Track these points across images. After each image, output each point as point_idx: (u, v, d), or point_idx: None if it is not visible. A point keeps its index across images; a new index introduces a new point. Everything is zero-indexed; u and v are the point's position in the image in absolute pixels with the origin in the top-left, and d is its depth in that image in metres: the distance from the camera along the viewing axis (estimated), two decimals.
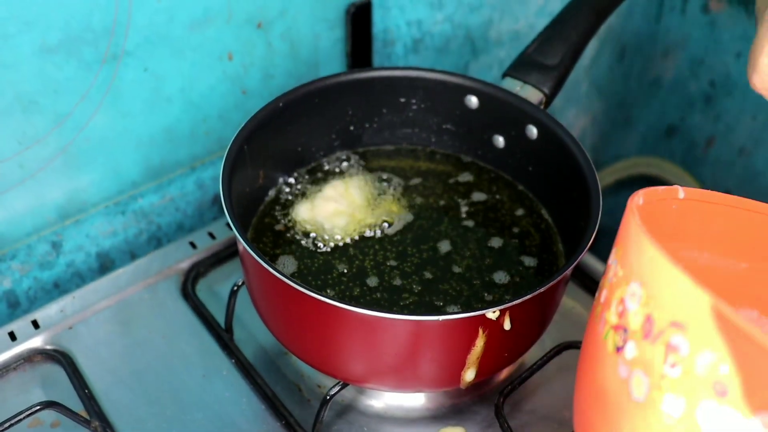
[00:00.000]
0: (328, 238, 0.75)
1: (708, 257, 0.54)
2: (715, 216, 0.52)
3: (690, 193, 0.51)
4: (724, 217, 0.53)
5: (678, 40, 1.20)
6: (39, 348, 0.75)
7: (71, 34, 0.72)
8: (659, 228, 0.50)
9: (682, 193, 0.51)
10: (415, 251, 0.74)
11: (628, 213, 0.46)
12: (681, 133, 1.26)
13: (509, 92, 0.77)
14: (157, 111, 0.82)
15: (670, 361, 0.40)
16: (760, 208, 0.53)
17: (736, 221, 0.53)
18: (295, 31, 0.88)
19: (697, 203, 0.52)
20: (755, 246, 0.54)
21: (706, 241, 0.54)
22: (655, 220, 0.49)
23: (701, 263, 0.54)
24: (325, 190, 0.79)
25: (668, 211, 0.51)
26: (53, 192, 0.80)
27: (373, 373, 0.64)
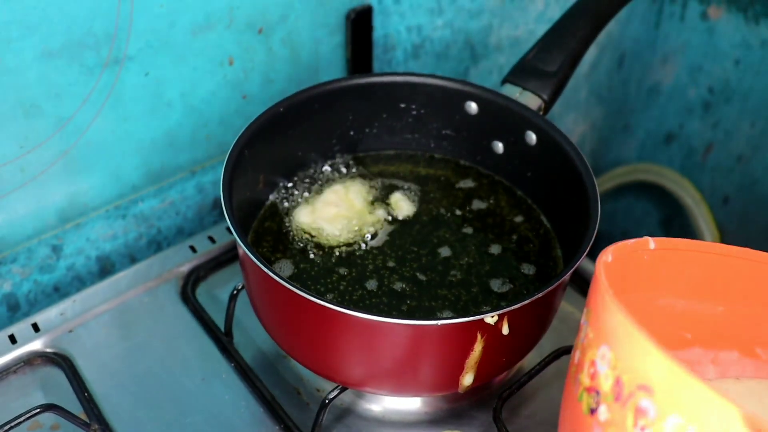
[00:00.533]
0: (328, 242, 0.75)
1: (684, 303, 0.54)
2: (688, 262, 0.53)
3: (660, 243, 0.52)
4: (696, 263, 0.53)
5: (677, 47, 1.21)
6: (39, 351, 0.75)
7: (73, 38, 0.72)
8: (633, 280, 0.51)
9: (653, 243, 0.51)
10: (415, 256, 0.74)
11: (597, 273, 0.46)
12: (680, 139, 1.27)
13: (508, 98, 0.77)
14: (158, 115, 0.83)
15: (639, 425, 0.40)
16: (731, 251, 0.53)
17: (708, 266, 0.53)
18: (296, 37, 0.89)
19: (669, 252, 0.52)
20: (729, 289, 0.54)
21: (681, 288, 0.54)
22: (629, 273, 0.50)
23: (678, 310, 0.55)
24: (325, 194, 0.79)
25: (640, 262, 0.51)
26: (54, 195, 0.80)
27: (371, 377, 0.64)
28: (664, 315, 0.54)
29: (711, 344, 0.57)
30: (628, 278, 0.50)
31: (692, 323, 0.56)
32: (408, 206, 0.79)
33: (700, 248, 0.53)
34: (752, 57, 1.11)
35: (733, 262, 0.53)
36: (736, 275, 0.54)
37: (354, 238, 0.75)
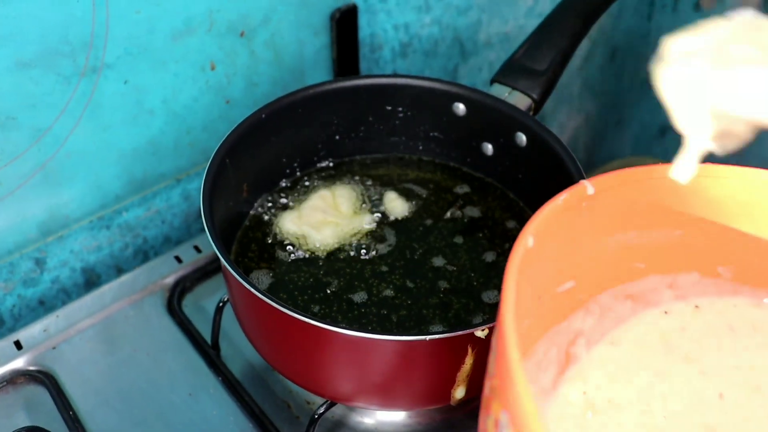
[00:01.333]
0: (315, 250, 0.73)
1: (636, 234, 0.51)
2: (637, 194, 0.49)
3: (600, 184, 0.48)
4: (647, 192, 0.49)
5: None
6: (22, 369, 0.74)
7: (48, 47, 0.70)
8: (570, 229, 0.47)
9: (591, 188, 0.47)
10: (404, 263, 0.72)
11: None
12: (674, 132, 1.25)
13: (497, 99, 0.75)
14: (139, 123, 0.81)
15: None
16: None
17: (661, 192, 0.50)
18: (279, 39, 0.87)
19: (612, 189, 0.48)
20: (686, 211, 0.51)
21: (631, 221, 0.51)
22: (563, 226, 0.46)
23: (629, 242, 0.51)
24: (311, 200, 0.77)
25: (579, 211, 0.47)
26: (34, 208, 0.78)
27: (360, 393, 0.62)
28: (611, 252, 0.51)
29: (667, 269, 0.54)
30: (562, 230, 0.47)
31: (646, 252, 0.53)
32: (396, 211, 0.77)
33: (650, 176, 0.49)
34: None
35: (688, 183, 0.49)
36: (693, 195, 0.51)
37: (342, 245, 0.74)
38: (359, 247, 0.74)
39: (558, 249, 0.48)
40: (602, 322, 0.54)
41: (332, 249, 0.73)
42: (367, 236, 0.75)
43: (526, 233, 0.44)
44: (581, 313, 0.53)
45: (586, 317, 0.53)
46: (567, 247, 0.48)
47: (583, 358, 0.52)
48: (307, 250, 0.73)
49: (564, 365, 0.52)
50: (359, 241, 0.74)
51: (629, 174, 0.49)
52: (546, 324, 0.51)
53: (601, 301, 0.53)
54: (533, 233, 0.44)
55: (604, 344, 0.53)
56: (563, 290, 0.51)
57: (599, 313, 0.53)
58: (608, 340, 0.53)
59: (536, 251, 0.45)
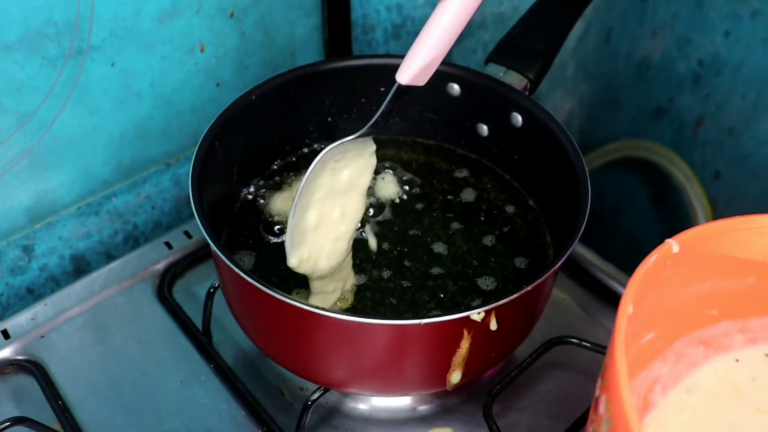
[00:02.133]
0: None
1: (711, 284, 0.54)
2: (712, 247, 0.52)
3: (684, 242, 0.50)
4: (721, 244, 0.52)
5: (665, 20, 1.18)
6: (9, 359, 0.72)
7: (31, 29, 0.69)
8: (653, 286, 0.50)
9: (676, 247, 0.50)
10: (399, 246, 0.71)
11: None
12: (670, 114, 1.24)
13: (492, 79, 0.74)
14: (126, 107, 0.79)
15: None
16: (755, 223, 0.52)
17: (734, 244, 0.53)
18: (270, 19, 0.85)
19: (693, 244, 0.51)
20: (758, 259, 0.54)
21: (705, 272, 0.53)
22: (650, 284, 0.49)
23: (703, 292, 0.54)
24: (293, 193, 0.76)
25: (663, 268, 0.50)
26: (21, 195, 0.77)
27: (355, 378, 0.61)
28: (687, 302, 0.54)
29: (739, 315, 0.56)
30: (648, 291, 0.49)
31: (719, 300, 0.55)
32: (389, 193, 0.76)
33: (724, 228, 0.52)
34: (742, 29, 1.08)
35: (760, 233, 0.52)
36: (760, 245, 0.53)
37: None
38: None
39: (644, 305, 0.50)
40: (677, 368, 0.55)
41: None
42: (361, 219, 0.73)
43: (627, 302, 0.46)
44: (658, 362, 0.54)
45: (663, 365, 0.55)
46: (651, 301, 0.50)
47: (660, 405, 0.54)
48: None
49: (642, 411, 0.54)
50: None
51: (711, 228, 0.51)
52: (630, 374, 0.52)
53: (676, 348, 0.55)
54: (632, 301, 0.46)
55: (680, 392, 0.55)
56: (645, 342, 0.53)
57: (674, 360, 0.55)
58: (684, 387, 0.55)
59: (633, 314, 0.47)
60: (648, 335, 0.53)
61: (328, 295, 0.64)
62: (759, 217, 0.52)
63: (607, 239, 1.41)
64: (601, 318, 0.77)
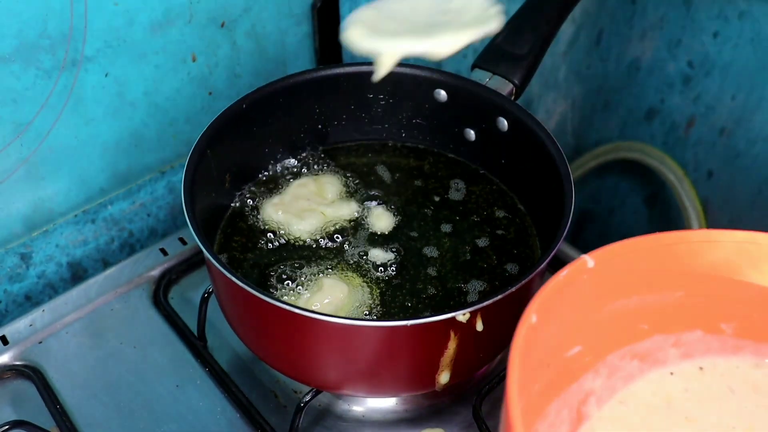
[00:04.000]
0: (299, 238, 0.73)
1: (639, 299, 0.54)
2: (636, 262, 0.52)
3: (600, 257, 0.50)
4: (646, 260, 0.52)
5: (654, 21, 1.19)
6: (8, 364, 0.74)
7: (26, 41, 0.70)
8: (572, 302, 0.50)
9: (591, 261, 0.50)
10: (387, 249, 0.72)
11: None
12: (661, 115, 1.25)
13: (478, 84, 0.75)
14: (121, 116, 0.81)
15: None
16: (679, 238, 0.52)
17: (660, 258, 0.52)
18: (261, 29, 0.86)
19: (612, 260, 0.51)
20: (686, 273, 0.53)
21: (632, 287, 0.53)
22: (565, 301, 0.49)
23: (632, 306, 0.54)
24: (294, 188, 0.77)
25: (580, 283, 0.50)
26: (18, 203, 0.78)
27: (346, 380, 0.62)
28: (615, 316, 0.54)
29: (671, 329, 0.56)
30: (565, 302, 0.49)
31: (649, 314, 0.55)
32: (379, 198, 0.77)
33: (646, 244, 0.52)
34: (730, 29, 1.09)
35: (686, 248, 0.52)
36: (692, 259, 0.53)
37: (324, 233, 0.73)
38: (343, 234, 0.73)
39: (563, 318, 0.50)
40: (611, 381, 0.55)
41: (315, 237, 0.73)
42: (350, 224, 0.75)
43: (530, 312, 0.46)
44: (590, 375, 0.55)
45: (596, 378, 0.55)
46: (571, 315, 0.51)
47: (594, 417, 0.54)
48: (290, 238, 0.73)
49: (576, 424, 0.54)
50: (342, 229, 0.74)
51: (627, 245, 0.51)
52: (557, 387, 0.53)
53: (609, 362, 0.55)
54: (536, 311, 0.46)
55: (614, 403, 0.55)
56: (571, 355, 0.53)
57: (607, 373, 0.55)
58: (618, 399, 0.55)
59: (540, 325, 0.47)
60: (574, 348, 0.53)
61: None
62: (680, 233, 0.52)
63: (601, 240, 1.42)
64: None
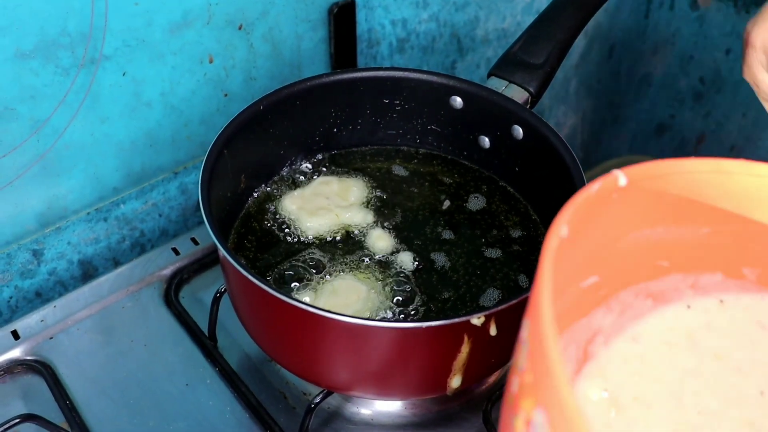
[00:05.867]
0: (312, 240, 0.73)
1: (662, 231, 0.49)
2: (666, 187, 0.46)
3: (633, 174, 0.44)
4: (676, 186, 0.47)
5: (667, 37, 1.19)
6: (19, 359, 0.74)
7: (47, 38, 0.71)
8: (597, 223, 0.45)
9: (624, 179, 0.44)
10: (399, 253, 0.72)
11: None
12: (671, 130, 1.25)
13: (494, 92, 0.75)
14: (137, 116, 0.81)
15: None
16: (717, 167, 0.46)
17: (691, 187, 0.47)
18: (277, 32, 0.87)
19: (644, 181, 0.45)
20: (715, 208, 0.48)
21: (657, 216, 0.48)
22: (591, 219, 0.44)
23: (654, 239, 0.49)
24: (317, 186, 0.78)
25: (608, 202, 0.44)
26: (32, 200, 0.78)
27: (357, 381, 0.62)
28: (636, 248, 0.49)
29: (691, 268, 0.51)
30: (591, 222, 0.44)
31: (671, 250, 0.50)
32: (392, 203, 0.77)
33: (683, 168, 0.46)
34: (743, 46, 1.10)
35: (718, 179, 0.47)
36: (723, 192, 0.48)
37: (337, 235, 0.74)
38: (355, 236, 0.74)
39: (586, 242, 0.45)
40: (622, 319, 0.52)
41: (328, 238, 0.73)
42: (363, 227, 0.75)
43: (560, 222, 0.41)
44: (602, 310, 0.51)
45: (607, 315, 0.51)
46: (594, 239, 0.46)
47: (602, 355, 0.50)
48: (298, 234, 0.73)
49: (582, 363, 0.50)
50: (356, 231, 0.74)
51: (663, 166, 0.46)
52: (566, 320, 0.49)
53: (622, 299, 0.51)
54: (567, 222, 0.41)
55: (625, 341, 0.51)
56: (586, 285, 0.49)
57: (619, 310, 0.52)
58: (629, 336, 0.51)
59: (568, 242, 0.42)
60: (590, 278, 0.48)
61: None
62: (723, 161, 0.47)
63: None
64: None
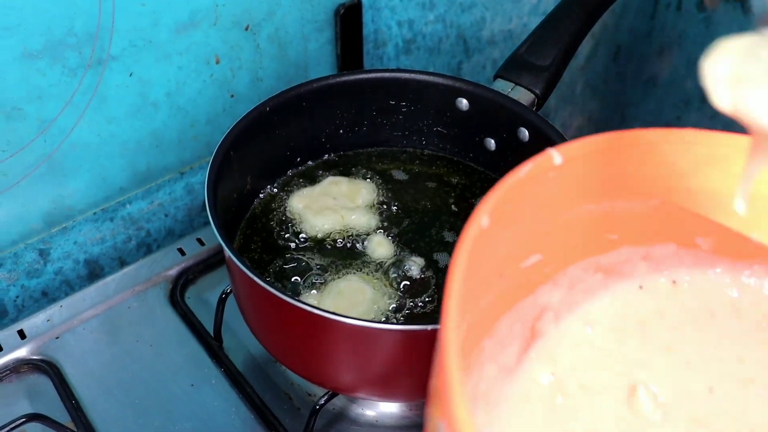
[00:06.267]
0: (317, 240, 0.73)
1: (609, 205, 0.47)
2: (611, 161, 0.45)
3: (569, 152, 0.42)
4: (622, 160, 0.45)
5: (673, 38, 1.19)
6: (25, 358, 0.74)
7: (54, 39, 0.71)
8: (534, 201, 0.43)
9: (558, 157, 0.42)
10: (405, 255, 0.72)
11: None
12: None
13: (500, 94, 0.75)
14: (143, 116, 0.81)
15: None
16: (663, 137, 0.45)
17: (637, 159, 0.45)
18: (284, 33, 0.87)
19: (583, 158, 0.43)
20: (664, 179, 0.47)
21: (602, 190, 0.46)
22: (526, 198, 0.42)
23: (600, 213, 0.47)
24: (326, 185, 0.78)
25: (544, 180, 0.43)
26: (39, 199, 0.79)
27: (362, 383, 0.62)
28: (581, 223, 0.47)
29: (642, 241, 0.49)
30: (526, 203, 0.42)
31: (619, 223, 0.48)
32: (398, 204, 0.77)
33: (623, 141, 0.44)
34: None
35: (668, 149, 0.45)
36: (672, 162, 0.46)
37: (343, 236, 0.74)
38: (360, 238, 0.74)
39: (521, 222, 0.43)
40: (571, 294, 0.50)
41: (334, 240, 0.73)
42: (364, 232, 0.75)
43: (480, 213, 0.39)
44: (548, 287, 0.48)
45: (554, 290, 0.49)
46: (532, 219, 0.44)
47: (551, 335, 0.48)
48: (310, 240, 0.73)
49: (529, 341, 0.48)
50: (361, 232, 0.74)
51: (601, 140, 0.44)
52: (510, 299, 0.47)
53: (570, 274, 0.49)
54: (489, 212, 0.39)
55: (577, 324, 0.49)
56: (528, 264, 0.47)
57: (568, 285, 0.49)
58: (582, 319, 0.49)
59: (494, 230, 0.40)
60: (532, 257, 0.46)
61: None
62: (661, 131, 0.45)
63: None
64: None
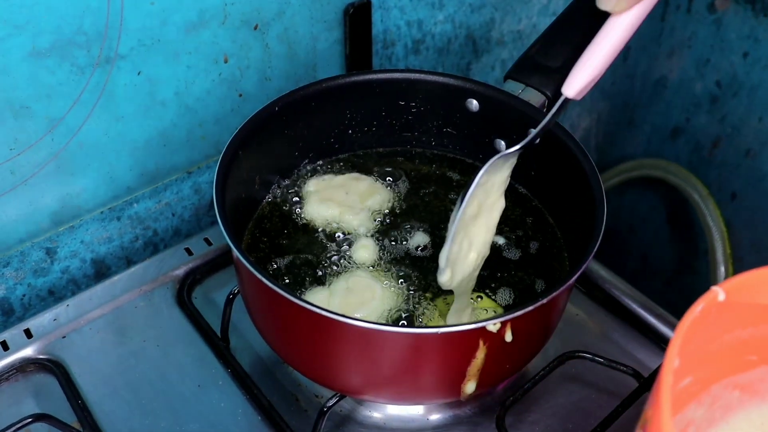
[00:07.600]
0: (330, 241, 0.73)
1: (753, 330, 0.53)
2: (756, 296, 0.51)
3: (729, 289, 0.49)
4: (765, 293, 0.51)
5: (683, 40, 1.19)
6: (32, 358, 0.74)
7: (63, 37, 0.71)
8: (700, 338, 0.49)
9: (723, 294, 0.48)
10: (413, 256, 0.72)
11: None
12: (686, 134, 1.24)
13: (510, 95, 0.75)
14: (151, 115, 0.81)
15: None
16: None
17: None
18: (293, 33, 0.87)
19: (739, 293, 0.49)
20: None
21: (748, 318, 0.52)
22: (694, 336, 0.48)
23: (744, 337, 0.53)
24: (345, 179, 0.78)
25: (707, 316, 0.49)
26: (46, 198, 0.78)
27: (370, 386, 0.62)
28: (727, 348, 0.53)
29: None
30: (692, 337, 0.48)
31: (759, 346, 0.54)
32: (407, 206, 0.77)
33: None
34: (760, 50, 1.09)
35: None
36: None
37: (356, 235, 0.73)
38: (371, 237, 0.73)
39: (686, 353, 0.49)
40: (711, 410, 0.54)
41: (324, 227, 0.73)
42: (375, 228, 0.74)
43: (673, 355, 0.45)
44: (694, 405, 0.54)
45: (698, 408, 0.54)
46: (692, 348, 0.49)
47: None
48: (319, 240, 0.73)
49: None
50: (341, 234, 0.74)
51: (760, 276, 0.50)
52: None
53: (713, 392, 0.54)
54: (679, 354, 0.46)
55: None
56: (683, 386, 0.52)
57: (710, 402, 0.54)
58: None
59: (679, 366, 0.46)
60: (686, 380, 0.52)
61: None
62: None
63: (621, 257, 1.42)
64: (614, 334, 0.78)
